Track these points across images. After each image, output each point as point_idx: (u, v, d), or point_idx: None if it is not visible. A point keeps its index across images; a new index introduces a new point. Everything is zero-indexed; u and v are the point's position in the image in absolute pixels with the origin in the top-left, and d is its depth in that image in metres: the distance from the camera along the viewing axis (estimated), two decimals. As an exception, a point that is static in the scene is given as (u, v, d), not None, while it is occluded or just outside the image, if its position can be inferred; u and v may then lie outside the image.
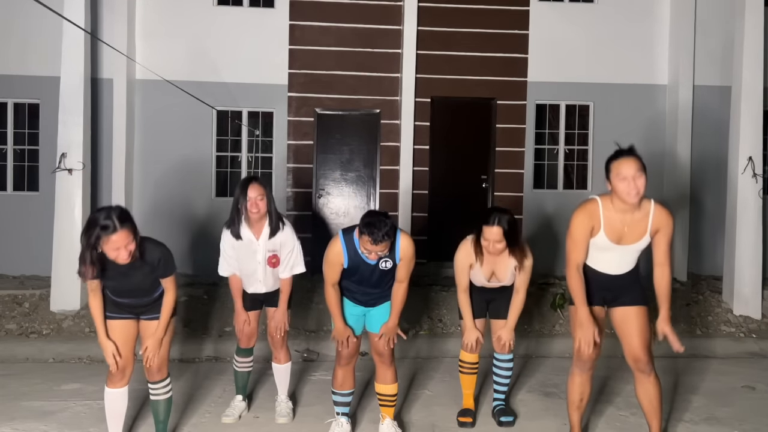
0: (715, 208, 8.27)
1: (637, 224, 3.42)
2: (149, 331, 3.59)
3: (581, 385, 3.69)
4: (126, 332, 3.55)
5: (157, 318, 3.59)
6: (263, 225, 4.09)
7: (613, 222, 3.41)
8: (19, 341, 6.23)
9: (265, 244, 4.11)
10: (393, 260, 3.70)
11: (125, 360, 3.56)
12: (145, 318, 3.60)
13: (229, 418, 4.28)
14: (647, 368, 3.55)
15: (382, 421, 3.97)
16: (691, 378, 5.32)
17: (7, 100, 8.22)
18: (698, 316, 7.03)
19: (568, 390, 3.75)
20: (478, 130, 8.60)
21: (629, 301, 3.57)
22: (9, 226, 8.15)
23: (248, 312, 4.29)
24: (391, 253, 3.66)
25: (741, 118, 7.09)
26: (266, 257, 4.12)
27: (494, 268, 4.05)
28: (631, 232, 3.42)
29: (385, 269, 3.71)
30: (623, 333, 3.59)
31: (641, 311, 3.57)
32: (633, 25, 8.55)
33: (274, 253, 4.13)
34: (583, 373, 3.67)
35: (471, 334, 4.16)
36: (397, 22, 8.36)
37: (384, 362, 3.90)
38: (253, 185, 4.00)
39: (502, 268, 4.04)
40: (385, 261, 3.67)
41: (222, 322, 6.53)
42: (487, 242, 3.88)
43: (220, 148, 8.46)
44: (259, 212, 4.01)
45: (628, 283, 3.57)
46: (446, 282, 7.64)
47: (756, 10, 7.05)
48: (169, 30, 8.17)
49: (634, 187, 3.29)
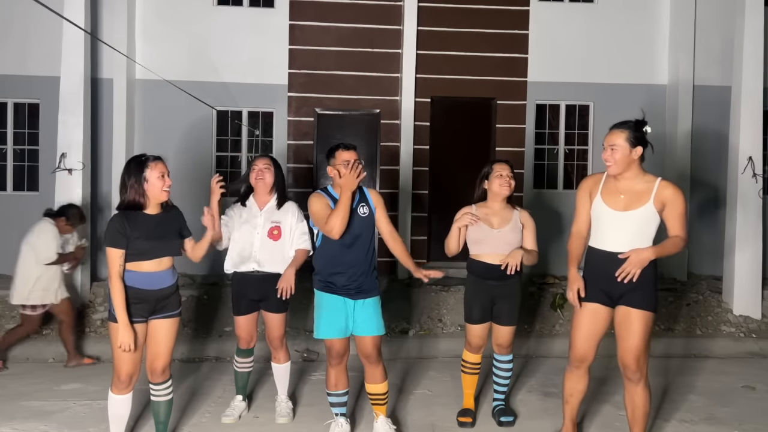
0: (715, 208, 8.27)
1: (639, 194, 3.42)
2: (159, 333, 3.59)
3: (571, 381, 3.68)
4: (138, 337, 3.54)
5: (168, 317, 3.60)
6: (269, 199, 4.26)
7: (611, 188, 3.50)
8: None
9: (268, 214, 4.22)
10: (369, 207, 3.87)
11: (134, 365, 3.53)
12: (156, 317, 3.58)
13: (229, 418, 4.28)
14: (635, 377, 3.47)
15: (376, 418, 3.98)
16: (691, 378, 5.33)
17: (7, 100, 8.22)
18: (698, 316, 7.03)
19: (562, 386, 3.77)
20: (478, 130, 8.60)
21: (636, 302, 3.42)
22: (9, 226, 8.13)
23: (246, 314, 4.29)
24: (365, 201, 3.88)
25: (741, 118, 7.09)
26: (267, 228, 4.18)
27: (497, 217, 4.13)
28: (630, 200, 3.42)
29: (364, 215, 3.83)
30: (619, 334, 3.49)
31: (644, 316, 3.43)
32: (633, 25, 8.55)
33: (277, 224, 4.20)
34: (574, 371, 3.66)
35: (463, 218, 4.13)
36: (397, 22, 8.36)
37: (371, 362, 3.89)
38: (262, 157, 4.27)
39: (505, 215, 4.15)
40: (362, 206, 3.84)
41: (222, 323, 6.53)
42: (501, 179, 4.09)
43: (220, 148, 8.46)
44: (264, 181, 4.19)
45: (640, 278, 3.36)
46: (446, 282, 7.65)
47: (756, 10, 7.06)
48: (169, 30, 8.17)
49: (610, 156, 3.43)
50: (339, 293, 3.81)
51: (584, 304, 3.55)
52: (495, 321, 4.21)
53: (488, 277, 4.12)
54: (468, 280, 4.26)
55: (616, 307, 3.52)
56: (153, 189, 3.51)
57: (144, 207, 3.53)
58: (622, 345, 3.48)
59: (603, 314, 3.54)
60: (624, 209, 3.43)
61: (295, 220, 4.28)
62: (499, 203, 4.18)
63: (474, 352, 4.28)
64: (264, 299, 4.25)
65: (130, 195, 3.50)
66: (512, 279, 4.12)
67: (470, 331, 4.23)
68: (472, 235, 4.15)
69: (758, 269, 7.14)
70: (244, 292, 4.25)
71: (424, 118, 8.37)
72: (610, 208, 3.46)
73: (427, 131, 8.39)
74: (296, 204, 4.38)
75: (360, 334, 3.84)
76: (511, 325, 4.19)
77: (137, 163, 3.53)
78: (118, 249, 3.45)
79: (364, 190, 3.94)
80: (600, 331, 3.55)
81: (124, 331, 3.43)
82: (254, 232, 4.21)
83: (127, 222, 3.47)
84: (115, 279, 3.45)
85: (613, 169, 3.43)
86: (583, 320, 3.55)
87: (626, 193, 3.44)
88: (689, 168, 8.33)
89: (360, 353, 3.90)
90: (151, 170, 3.50)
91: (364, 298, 3.84)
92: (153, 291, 3.53)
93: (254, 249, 4.20)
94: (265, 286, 4.20)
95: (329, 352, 3.87)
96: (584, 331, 3.55)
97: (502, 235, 4.09)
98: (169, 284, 3.61)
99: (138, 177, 3.49)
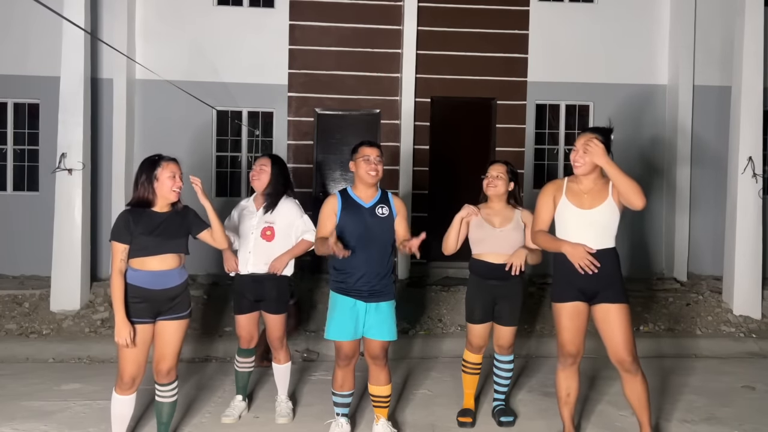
0: (715, 208, 8.27)
1: (599, 192, 3.60)
2: (166, 335, 3.59)
3: (566, 380, 3.71)
4: (142, 338, 3.52)
5: (176, 318, 3.59)
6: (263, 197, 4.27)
7: (574, 190, 3.65)
8: (19, 341, 6.24)
9: (262, 215, 4.22)
10: (389, 209, 3.86)
11: (138, 367, 3.53)
12: (164, 318, 3.58)
13: (229, 418, 4.28)
14: (633, 368, 3.56)
15: (377, 421, 3.96)
16: (692, 378, 5.32)
17: (7, 100, 8.22)
18: (698, 316, 7.03)
19: (556, 387, 3.78)
20: (478, 130, 8.60)
21: (611, 297, 3.56)
22: (9, 226, 8.15)
23: (246, 314, 4.28)
24: (386, 202, 3.88)
25: (741, 118, 7.09)
26: (260, 228, 4.18)
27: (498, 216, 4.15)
28: (593, 199, 3.59)
29: (383, 216, 3.81)
30: (605, 333, 3.59)
31: (623, 309, 3.57)
32: (633, 25, 8.55)
33: (270, 225, 4.20)
34: (566, 369, 3.70)
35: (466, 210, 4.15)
36: (397, 22, 8.36)
37: (378, 364, 3.86)
38: (261, 157, 4.29)
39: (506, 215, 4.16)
40: (381, 207, 3.84)
41: (222, 323, 6.53)
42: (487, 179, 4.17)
43: (220, 148, 8.46)
44: (259, 181, 4.21)
45: (607, 273, 3.54)
46: (446, 282, 7.65)
47: (756, 10, 7.06)
48: (169, 30, 8.17)
49: (581, 157, 3.55)
50: (351, 295, 3.78)
51: (564, 304, 3.65)
52: (496, 321, 4.21)
53: (490, 277, 4.12)
54: (470, 280, 4.27)
55: (592, 305, 3.63)
56: (162, 188, 3.56)
57: (152, 204, 3.58)
58: (613, 341, 3.56)
59: (583, 310, 3.65)
60: (589, 207, 3.58)
61: (293, 218, 4.27)
62: (500, 203, 4.20)
63: (475, 353, 4.28)
64: (262, 300, 4.25)
65: (139, 192, 3.58)
66: (514, 279, 4.12)
67: (471, 331, 4.23)
68: (474, 235, 4.15)
69: (758, 269, 7.14)
70: (244, 292, 4.25)
71: (424, 118, 8.37)
72: (577, 207, 3.60)
73: (427, 131, 8.39)
74: (296, 201, 4.35)
75: (371, 338, 3.81)
76: (512, 325, 4.20)
77: (150, 162, 3.61)
78: (120, 243, 3.49)
79: (388, 194, 3.96)
80: (584, 326, 3.66)
81: (121, 325, 3.44)
82: (250, 236, 4.22)
83: (132, 218, 3.52)
84: (116, 274, 3.48)
85: (581, 170, 3.60)
86: (568, 319, 3.64)
87: (588, 192, 3.62)
88: (689, 168, 8.33)
89: (367, 354, 3.89)
90: (163, 169, 3.57)
91: (378, 301, 3.79)
92: (159, 291, 3.53)
93: (249, 249, 4.21)
94: (261, 287, 4.21)
95: (338, 353, 3.85)
96: (571, 328, 3.63)
97: (504, 235, 4.09)
98: (176, 284, 3.60)
99: (149, 175, 3.56)
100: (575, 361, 3.68)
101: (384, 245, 3.83)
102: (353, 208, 3.83)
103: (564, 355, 3.67)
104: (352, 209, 3.82)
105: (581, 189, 3.63)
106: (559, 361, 3.72)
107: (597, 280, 3.54)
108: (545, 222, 3.72)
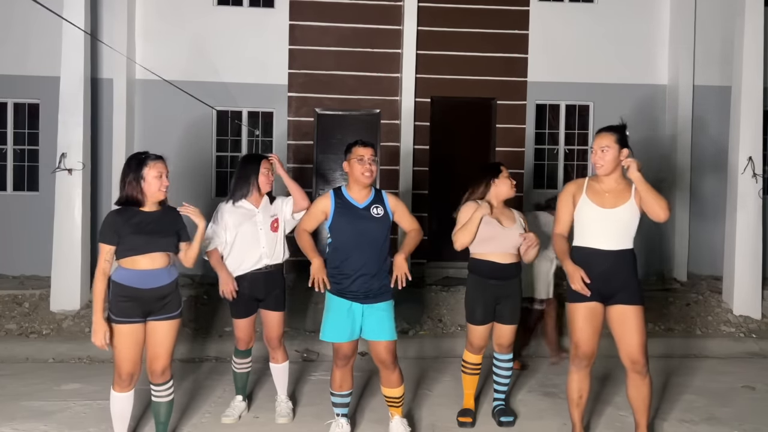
0: (715, 208, 8.27)
1: (621, 192, 3.60)
2: (158, 335, 3.58)
3: (579, 382, 3.71)
4: (134, 337, 3.53)
5: (167, 318, 3.59)
6: (263, 196, 4.29)
7: (596, 189, 3.64)
8: (19, 341, 6.24)
9: (265, 209, 4.25)
10: (384, 209, 3.81)
11: (133, 365, 3.54)
12: (154, 318, 3.58)
13: (228, 418, 4.28)
14: (644, 370, 3.58)
15: (392, 418, 3.96)
16: (691, 378, 5.33)
17: (7, 100, 8.23)
18: (698, 316, 7.03)
19: (567, 388, 3.77)
20: (478, 130, 8.60)
21: (627, 299, 3.57)
22: (9, 226, 8.15)
23: (245, 317, 4.27)
24: (380, 202, 3.83)
25: (741, 118, 7.09)
26: (268, 222, 4.22)
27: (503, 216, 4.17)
28: (615, 198, 3.59)
29: (378, 216, 3.77)
30: (620, 333, 3.59)
31: (639, 311, 3.57)
32: (633, 25, 8.55)
33: (275, 216, 4.27)
34: (580, 371, 3.69)
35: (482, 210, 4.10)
36: (397, 22, 8.36)
37: (387, 367, 3.84)
38: (264, 161, 4.31)
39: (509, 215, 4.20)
40: (375, 207, 3.79)
41: (222, 323, 6.53)
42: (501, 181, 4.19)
43: (220, 148, 8.46)
44: (270, 183, 4.30)
45: (624, 274, 3.57)
46: (446, 282, 7.65)
47: (756, 10, 7.06)
48: (169, 30, 8.17)
49: (600, 158, 3.56)
50: (346, 297, 3.76)
51: (579, 304, 3.61)
52: (497, 320, 4.21)
53: (492, 277, 4.12)
54: (470, 280, 4.24)
55: (608, 306, 3.61)
56: (150, 187, 3.54)
57: (141, 204, 3.56)
58: (628, 342, 3.56)
59: (599, 310, 3.63)
60: (612, 207, 3.58)
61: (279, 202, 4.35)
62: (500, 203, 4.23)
63: (475, 353, 4.28)
64: (266, 296, 4.24)
65: (127, 191, 3.55)
66: (514, 279, 4.15)
67: (472, 332, 4.23)
68: (483, 233, 4.10)
69: (758, 269, 7.14)
70: (248, 292, 4.22)
71: (424, 118, 8.37)
72: (598, 206, 3.59)
73: (427, 131, 8.39)
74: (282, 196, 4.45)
75: (370, 339, 3.79)
76: (513, 324, 4.21)
77: (137, 161, 3.57)
78: (107, 245, 3.49)
79: (382, 193, 3.90)
80: (599, 326, 3.63)
81: (97, 327, 3.48)
82: (259, 232, 4.20)
83: (119, 218, 3.50)
84: (99, 274, 3.49)
85: (603, 170, 3.59)
86: (584, 319, 3.60)
87: (610, 192, 3.61)
88: (689, 168, 8.33)
89: (374, 358, 3.87)
90: (150, 168, 3.54)
91: (374, 302, 3.77)
92: (148, 290, 3.52)
93: (261, 243, 4.20)
94: (270, 280, 4.22)
95: (335, 354, 3.85)
96: (587, 329, 3.60)
97: (512, 234, 4.11)
98: (165, 283, 3.58)
99: (136, 174, 3.53)
100: (589, 363, 3.66)
101: (379, 246, 3.78)
102: (347, 209, 3.80)
103: (578, 357, 3.64)
104: (346, 210, 3.79)
105: (603, 188, 3.63)
106: (572, 363, 3.70)
107: (613, 281, 3.55)
108: (566, 223, 3.71)
